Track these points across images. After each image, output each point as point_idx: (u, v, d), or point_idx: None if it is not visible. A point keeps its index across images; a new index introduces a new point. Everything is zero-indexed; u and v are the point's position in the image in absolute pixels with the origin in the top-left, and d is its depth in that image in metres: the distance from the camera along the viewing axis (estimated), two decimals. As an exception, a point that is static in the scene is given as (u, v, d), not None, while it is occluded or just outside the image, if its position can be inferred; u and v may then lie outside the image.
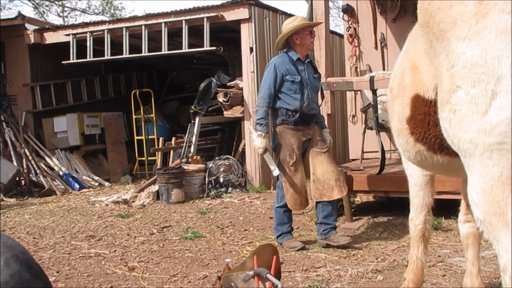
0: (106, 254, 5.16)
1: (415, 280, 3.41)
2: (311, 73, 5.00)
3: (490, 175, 1.88)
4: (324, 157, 4.90)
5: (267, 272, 3.24)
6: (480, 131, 1.87)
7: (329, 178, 4.82)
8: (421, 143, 2.60)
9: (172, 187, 8.00)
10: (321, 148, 4.94)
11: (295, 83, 4.85)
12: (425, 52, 2.33)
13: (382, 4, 7.85)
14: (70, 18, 24.38)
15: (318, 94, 5.10)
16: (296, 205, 4.93)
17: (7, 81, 11.10)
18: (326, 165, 4.88)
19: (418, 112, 2.52)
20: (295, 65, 4.90)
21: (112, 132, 11.65)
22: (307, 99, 4.89)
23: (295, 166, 4.86)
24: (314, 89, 4.99)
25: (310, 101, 4.90)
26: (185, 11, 9.47)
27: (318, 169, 4.87)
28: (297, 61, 4.92)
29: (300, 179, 4.87)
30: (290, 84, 4.86)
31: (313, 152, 4.93)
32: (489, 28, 1.83)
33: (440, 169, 2.87)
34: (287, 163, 4.88)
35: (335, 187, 4.80)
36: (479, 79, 1.86)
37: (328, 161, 4.91)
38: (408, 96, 2.57)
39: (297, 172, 4.87)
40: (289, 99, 4.88)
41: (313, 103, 4.96)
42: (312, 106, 4.95)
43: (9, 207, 8.18)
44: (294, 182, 4.86)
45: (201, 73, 13.17)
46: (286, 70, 4.86)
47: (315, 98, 5.01)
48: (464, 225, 3.33)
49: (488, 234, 1.92)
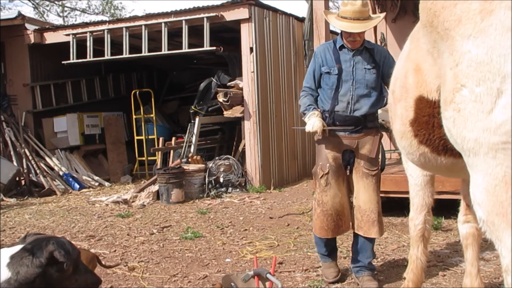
0: (106, 254, 5.16)
1: (415, 280, 3.41)
2: (362, 64, 3.84)
3: (494, 174, 1.86)
4: (371, 182, 3.84)
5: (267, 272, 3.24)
6: (485, 130, 1.85)
7: (371, 209, 3.81)
8: (425, 145, 2.58)
9: (172, 187, 8.00)
10: (369, 169, 3.84)
11: (332, 76, 3.83)
12: (428, 52, 2.31)
13: (382, 4, 7.85)
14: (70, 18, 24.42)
15: (375, 89, 3.87)
16: (322, 230, 3.88)
17: (7, 81, 11.10)
18: (371, 193, 3.83)
19: (422, 114, 2.50)
20: (338, 54, 3.87)
21: (112, 132, 11.65)
22: (348, 96, 3.81)
23: (326, 180, 3.83)
24: (364, 84, 3.82)
25: (353, 99, 3.81)
26: (185, 11, 9.47)
27: (362, 195, 3.85)
28: (341, 48, 3.87)
29: (331, 198, 3.83)
30: (326, 76, 3.87)
31: (359, 172, 3.86)
32: (494, 26, 1.81)
33: (443, 171, 2.86)
34: (317, 176, 3.89)
35: (376, 222, 3.81)
36: (484, 77, 1.83)
37: (374, 188, 3.85)
38: (412, 98, 2.55)
39: (329, 189, 3.84)
40: (324, 96, 3.92)
41: (360, 103, 3.82)
42: (358, 107, 3.82)
43: (9, 207, 8.17)
44: (322, 200, 3.86)
45: (201, 73, 13.15)
46: (324, 60, 3.90)
47: (367, 96, 3.84)
48: (464, 225, 3.33)
49: (491, 234, 1.91)
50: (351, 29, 3.70)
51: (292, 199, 8.07)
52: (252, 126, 9.16)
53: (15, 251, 2.14)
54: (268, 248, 5.19)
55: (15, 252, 2.12)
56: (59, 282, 2.17)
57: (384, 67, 3.83)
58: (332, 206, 3.83)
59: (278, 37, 9.95)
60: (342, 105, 3.82)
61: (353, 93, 3.81)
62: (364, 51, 3.86)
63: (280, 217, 6.68)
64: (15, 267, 2.07)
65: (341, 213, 3.85)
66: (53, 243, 2.14)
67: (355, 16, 3.68)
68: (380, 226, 3.84)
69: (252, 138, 9.17)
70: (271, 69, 9.61)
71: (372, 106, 3.85)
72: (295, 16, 10.55)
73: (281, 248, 5.14)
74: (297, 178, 10.20)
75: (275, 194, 8.74)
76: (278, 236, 5.65)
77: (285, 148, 10.07)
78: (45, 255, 2.10)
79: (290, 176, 10.11)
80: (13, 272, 2.06)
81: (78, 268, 2.28)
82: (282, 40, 10.05)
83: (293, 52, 10.37)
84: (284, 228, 6.07)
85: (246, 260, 4.77)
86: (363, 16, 3.70)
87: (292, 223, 6.29)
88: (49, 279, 2.12)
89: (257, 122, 9.15)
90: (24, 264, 2.08)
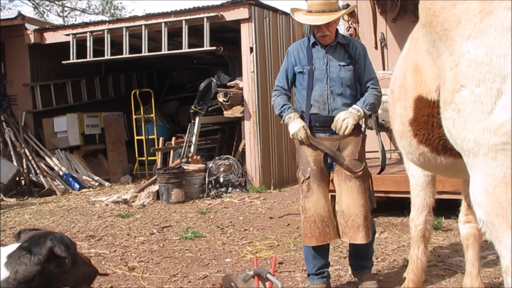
0: (106, 254, 5.16)
1: (415, 280, 3.41)
2: (336, 60, 3.59)
3: (493, 175, 1.85)
4: (354, 184, 3.54)
5: (267, 272, 3.24)
6: (485, 130, 1.84)
7: (355, 213, 3.50)
8: (425, 145, 2.58)
9: (172, 187, 8.00)
10: (352, 171, 3.55)
11: (305, 75, 3.62)
12: (428, 53, 2.30)
13: (382, 4, 7.85)
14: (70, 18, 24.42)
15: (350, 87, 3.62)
16: (306, 237, 3.60)
17: (7, 81, 11.11)
18: (355, 196, 3.53)
19: (421, 114, 2.50)
20: (310, 52, 3.64)
21: (112, 132, 11.65)
22: (324, 96, 3.58)
23: (308, 185, 3.57)
24: (339, 82, 3.56)
25: (329, 99, 3.57)
26: (185, 11, 9.47)
27: (344, 199, 3.57)
28: (314, 45, 3.65)
29: (313, 204, 3.56)
30: (300, 76, 3.66)
31: (341, 174, 3.59)
32: (494, 26, 1.80)
33: (443, 170, 2.86)
34: (299, 181, 3.67)
35: (362, 227, 3.48)
36: (484, 78, 1.83)
37: (358, 191, 3.54)
38: (411, 98, 2.55)
39: (311, 194, 3.57)
40: (300, 97, 3.71)
41: (337, 102, 3.58)
42: (335, 106, 3.58)
43: (9, 207, 8.17)
44: (305, 206, 3.60)
45: (201, 73, 13.16)
46: (297, 59, 3.68)
47: (343, 94, 3.59)
48: (465, 225, 3.33)
49: (491, 235, 1.90)
50: (315, 22, 3.49)
51: (292, 199, 8.06)
52: (252, 126, 9.16)
53: (12, 250, 2.13)
54: (268, 248, 5.19)
55: (12, 251, 2.11)
56: (58, 277, 2.17)
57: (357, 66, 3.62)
58: (315, 212, 3.54)
59: (278, 37, 9.95)
60: (319, 106, 3.59)
61: (328, 92, 3.57)
62: (338, 47, 3.63)
63: (280, 217, 6.68)
64: (13, 266, 2.06)
65: (326, 219, 3.54)
66: (51, 239, 2.12)
67: (321, 9, 3.48)
68: (367, 231, 3.51)
69: (252, 138, 9.17)
70: (271, 69, 9.61)
71: (350, 104, 3.58)
72: (295, 16, 10.53)
73: (281, 248, 5.13)
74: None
75: (275, 194, 8.74)
76: (278, 236, 5.65)
77: (285, 148, 10.07)
78: (44, 252, 2.09)
79: (290, 176, 10.11)
80: (11, 271, 2.05)
81: (76, 261, 2.27)
82: (282, 40, 10.05)
83: (293, 52, 10.35)
84: (284, 228, 6.07)
85: (246, 260, 4.77)
86: (330, 8, 3.49)
87: (292, 223, 6.29)
88: (48, 276, 2.12)
89: (257, 122, 9.15)
90: (22, 263, 2.07)
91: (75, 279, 2.27)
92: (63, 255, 2.10)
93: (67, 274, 2.21)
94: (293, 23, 10.44)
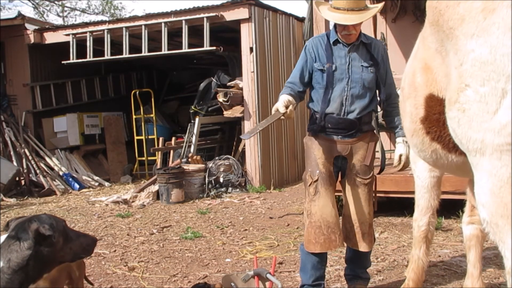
0: (106, 254, 5.15)
1: (416, 279, 3.41)
2: (359, 60, 3.40)
3: (499, 176, 1.83)
4: (363, 191, 3.46)
5: (267, 272, 3.24)
6: (490, 131, 1.82)
7: (361, 221, 3.44)
8: (437, 142, 2.55)
9: (172, 187, 8.00)
10: (363, 178, 3.45)
11: (324, 74, 3.39)
12: (437, 51, 2.29)
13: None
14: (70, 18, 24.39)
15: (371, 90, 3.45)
16: (310, 243, 3.41)
17: (7, 81, 11.10)
18: (362, 203, 3.46)
19: (432, 112, 2.47)
20: (331, 50, 3.42)
21: (112, 132, 11.65)
22: (342, 97, 3.38)
23: (315, 188, 3.41)
24: (360, 83, 3.38)
25: (347, 100, 3.38)
26: (185, 11, 9.47)
27: (351, 205, 3.48)
28: (335, 43, 3.43)
29: (320, 208, 3.40)
30: (319, 74, 3.43)
31: (351, 180, 3.48)
32: (497, 25, 1.78)
33: (454, 169, 2.83)
34: (306, 183, 3.48)
35: (366, 235, 3.43)
36: (488, 77, 1.81)
37: (366, 198, 3.47)
38: (421, 96, 2.53)
39: (318, 198, 3.41)
40: (316, 96, 3.49)
41: (355, 104, 3.40)
42: (352, 108, 3.39)
43: (9, 207, 8.17)
44: (311, 211, 3.43)
45: (201, 73, 13.16)
46: (317, 55, 3.45)
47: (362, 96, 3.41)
48: (468, 226, 3.32)
49: (494, 236, 1.89)
50: (345, 21, 3.27)
51: (292, 199, 8.06)
52: (252, 126, 9.15)
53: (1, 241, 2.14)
54: (268, 248, 5.18)
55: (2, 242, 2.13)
56: (52, 256, 2.18)
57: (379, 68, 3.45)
58: (321, 217, 3.37)
59: (278, 37, 9.94)
60: (335, 106, 3.38)
61: (348, 93, 3.37)
62: (361, 46, 3.43)
63: (280, 217, 6.67)
64: (5, 255, 2.07)
65: (332, 225, 3.37)
66: (35, 221, 2.14)
67: (349, 7, 3.25)
68: (370, 239, 3.45)
69: (252, 138, 9.17)
70: (271, 69, 9.61)
71: (367, 107, 3.42)
72: (295, 16, 10.54)
73: (281, 248, 5.13)
74: (297, 178, 10.18)
75: (275, 194, 8.73)
76: (278, 236, 5.64)
77: (285, 148, 10.06)
78: (31, 235, 2.10)
79: (290, 176, 10.10)
80: (4, 260, 2.06)
81: (68, 236, 2.28)
82: (282, 40, 10.05)
83: (293, 52, 10.36)
84: (284, 228, 6.07)
85: (246, 260, 4.77)
86: (358, 6, 3.28)
87: (292, 223, 6.29)
88: (42, 257, 2.13)
89: (257, 122, 9.13)
90: (13, 251, 2.08)
91: (73, 253, 2.29)
92: (48, 233, 2.11)
93: (62, 251, 2.23)
94: (293, 23, 10.44)
